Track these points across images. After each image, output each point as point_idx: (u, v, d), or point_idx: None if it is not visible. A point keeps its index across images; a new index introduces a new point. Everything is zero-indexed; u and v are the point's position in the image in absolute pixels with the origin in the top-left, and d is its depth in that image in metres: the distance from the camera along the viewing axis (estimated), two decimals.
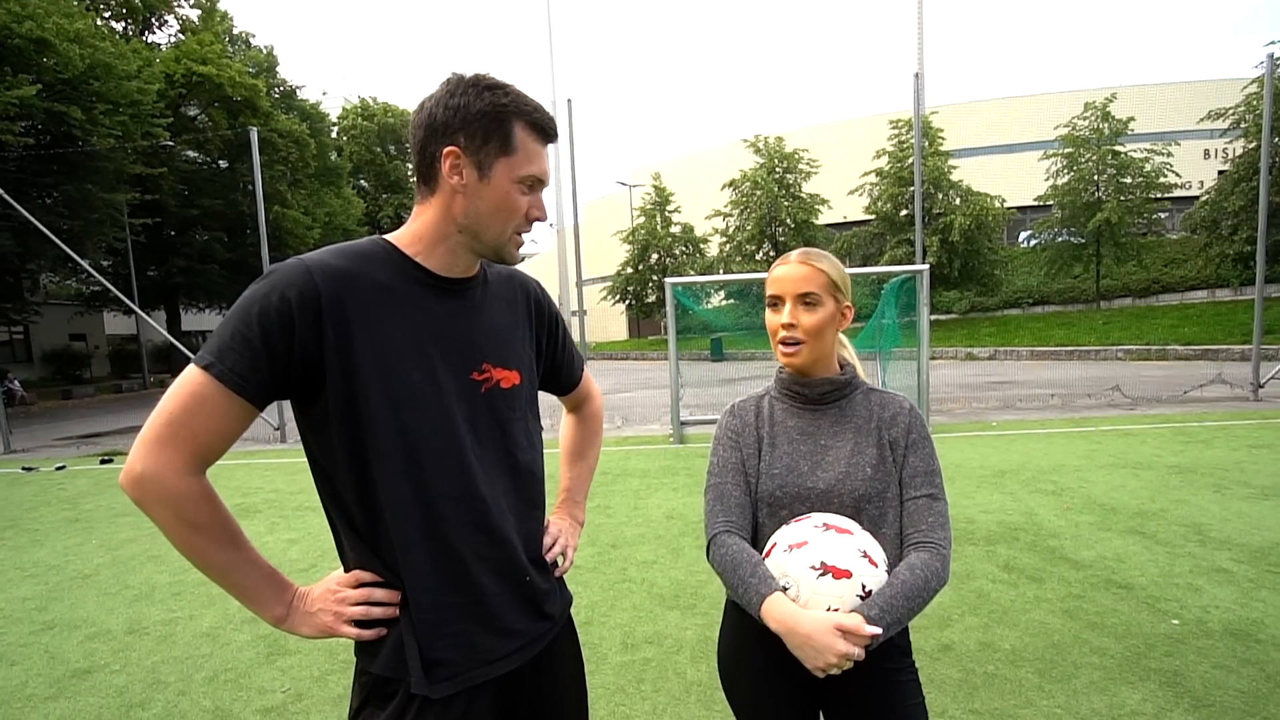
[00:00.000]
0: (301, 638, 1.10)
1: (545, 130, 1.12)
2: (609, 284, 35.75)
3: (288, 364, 1.02)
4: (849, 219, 30.89)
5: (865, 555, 1.21)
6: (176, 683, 3.10)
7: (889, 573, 1.23)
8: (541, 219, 1.16)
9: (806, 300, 1.35)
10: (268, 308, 1.00)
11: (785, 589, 1.22)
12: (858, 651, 1.14)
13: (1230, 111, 21.70)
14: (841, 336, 1.46)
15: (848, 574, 1.18)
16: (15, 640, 3.63)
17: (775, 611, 1.20)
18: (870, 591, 1.19)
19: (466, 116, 1.06)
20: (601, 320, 41.09)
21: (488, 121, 1.07)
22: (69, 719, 2.83)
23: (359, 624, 1.10)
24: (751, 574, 1.25)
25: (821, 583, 1.18)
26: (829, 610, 1.18)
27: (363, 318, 1.06)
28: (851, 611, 1.17)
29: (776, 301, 1.38)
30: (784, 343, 1.37)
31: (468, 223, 1.12)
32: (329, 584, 1.12)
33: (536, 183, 1.13)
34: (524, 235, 1.17)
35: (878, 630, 1.14)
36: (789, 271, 1.37)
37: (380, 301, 1.08)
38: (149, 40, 26.78)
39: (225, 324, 1.02)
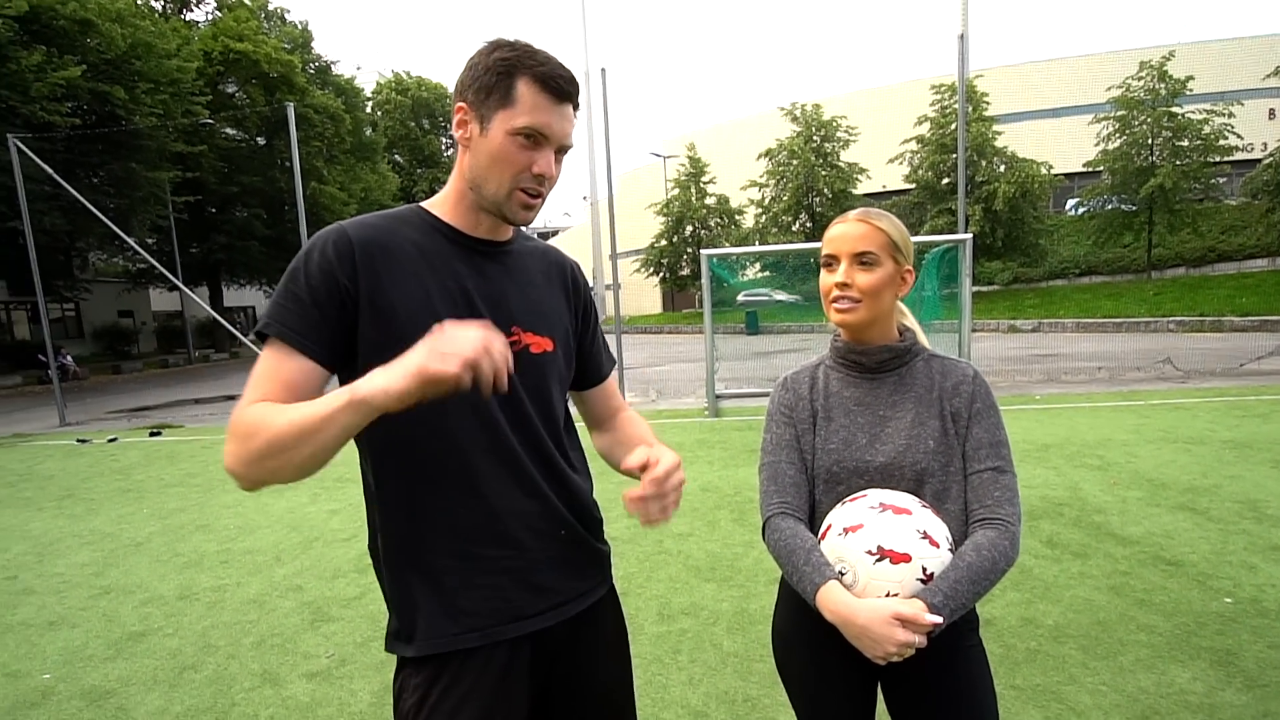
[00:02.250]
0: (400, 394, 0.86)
1: (550, 84, 1.07)
2: (642, 256, 35.59)
3: (339, 315, 1.05)
4: (888, 188, 30.19)
5: (925, 536, 1.14)
6: (226, 646, 3.20)
7: (953, 552, 1.16)
8: (547, 177, 1.10)
9: (863, 260, 1.26)
10: (310, 264, 1.05)
11: (841, 574, 1.16)
12: (918, 640, 1.08)
13: None
14: (903, 307, 1.38)
15: (906, 558, 1.12)
16: (76, 604, 3.79)
17: (830, 602, 1.15)
18: (931, 574, 1.12)
19: (475, 73, 1.09)
20: (635, 294, 41.03)
21: (492, 77, 1.07)
22: (126, 679, 2.95)
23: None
24: (805, 561, 1.20)
25: (879, 568, 1.13)
26: (888, 595, 1.12)
27: (393, 272, 1.08)
28: (912, 598, 1.10)
29: (831, 261, 1.30)
30: (837, 301, 1.28)
31: (473, 177, 1.12)
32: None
33: (538, 136, 1.07)
34: (529, 194, 1.11)
35: (938, 619, 1.08)
36: (846, 230, 1.28)
37: (411, 258, 1.10)
38: (187, 18, 27.17)
39: (280, 289, 1.06)
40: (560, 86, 1.08)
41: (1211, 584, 3.31)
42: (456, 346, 0.87)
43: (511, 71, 1.06)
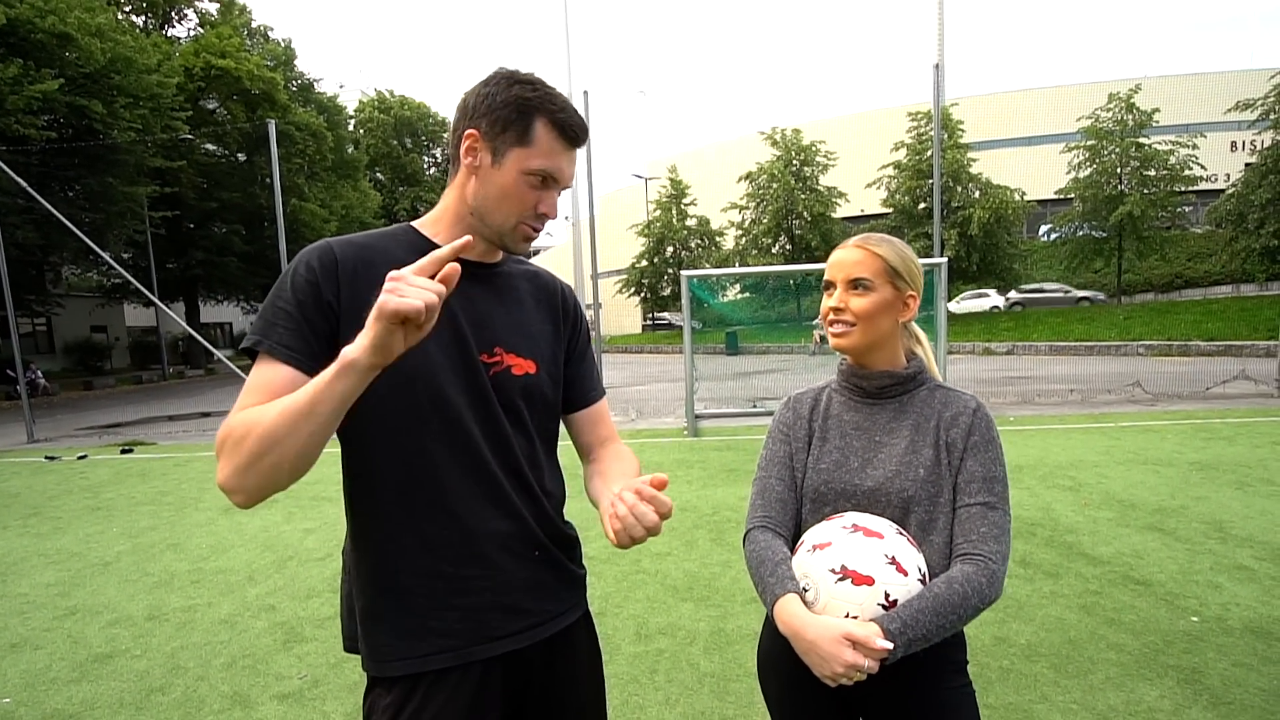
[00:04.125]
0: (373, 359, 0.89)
1: (568, 130, 1.12)
2: (624, 277, 35.74)
3: (325, 325, 1.06)
4: (866, 212, 30.69)
5: (893, 561, 1.12)
6: (195, 668, 3.14)
7: (923, 583, 1.14)
8: (550, 216, 1.16)
9: (857, 285, 1.28)
10: (297, 279, 1.06)
11: (804, 590, 1.16)
12: (868, 664, 1.05)
13: (1258, 102, 21.28)
14: (918, 331, 1.39)
15: (869, 580, 1.10)
16: (39, 625, 3.70)
17: (784, 614, 1.14)
18: (895, 601, 1.10)
19: (492, 104, 1.10)
20: (615, 314, 41.12)
21: (509, 111, 1.09)
22: (91, 702, 2.88)
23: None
24: (771, 573, 1.20)
25: (840, 588, 1.11)
26: (847, 617, 1.10)
27: (376, 289, 1.07)
28: (870, 621, 1.09)
29: (829, 285, 1.32)
30: (832, 324, 1.31)
31: (476, 204, 1.14)
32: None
33: (549, 179, 1.13)
34: (532, 229, 1.16)
35: (889, 645, 1.05)
36: (844, 256, 1.31)
37: None
38: (168, 34, 27.08)
39: (266, 304, 1.07)
40: (576, 135, 1.13)
41: (1179, 603, 3.37)
42: (413, 284, 0.88)
43: (531, 111, 1.09)
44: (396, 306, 0.86)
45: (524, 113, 1.10)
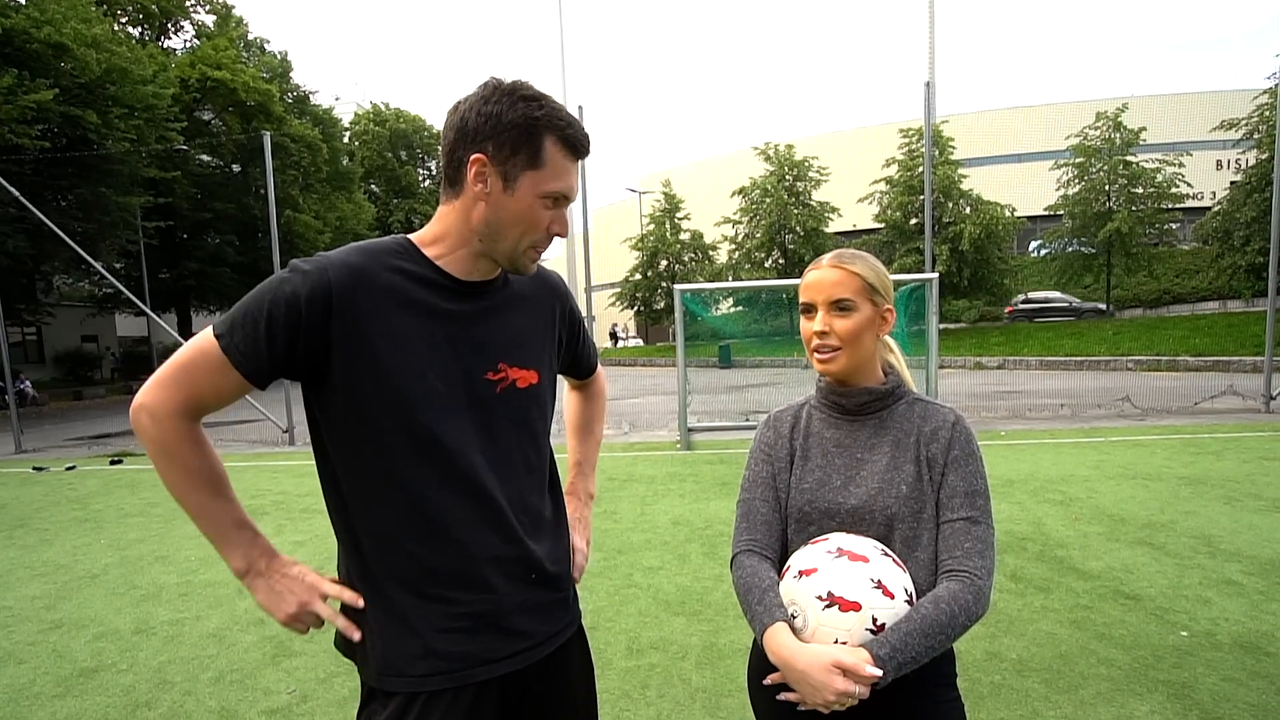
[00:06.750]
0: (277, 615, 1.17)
1: (576, 146, 1.11)
2: (617, 290, 35.82)
3: (288, 353, 1.05)
4: (858, 227, 30.87)
5: (879, 585, 1.12)
6: (183, 683, 3.11)
7: (910, 604, 1.14)
8: (562, 235, 1.15)
9: (840, 306, 1.26)
10: (279, 298, 1.04)
11: (793, 617, 1.15)
12: (859, 690, 1.06)
13: (1243, 122, 21.61)
14: (891, 341, 1.38)
15: (856, 606, 1.10)
16: (24, 639, 3.66)
17: (774, 643, 1.14)
18: (882, 625, 1.10)
19: (498, 125, 1.05)
20: (608, 326, 41.14)
21: (518, 133, 1.05)
22: (76, 717, 2.85)
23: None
24: (759, 601, 1.19)
25: (827, 614, 1.11)
26: (836, 643, 1.10)
27: (376, 315, 1.07)
28: (859, 647, 1.08)
29: (809, 308, 1.30)
30: (818, 350, 1.28)
31: (486, 230, 1.11)
32: (310, 575, 1.17)
33: (561, 199, 1.11)
34: (541, 249, 1.16)
35: (879, 672, 1.05)
36: (820, 276, 1.28)
37: (396, 300, 1.09)
38: (165, 45, 27.09)
39: (247, 300, 1.06)
40: (584, 149, 1.12)
41: (1168, 618, 3.39)
42: (282, 604, 1.15)
43: (540, 131, 1.06)
44: (286, 622, 1.15)
45: (533, 133, 1.06)
